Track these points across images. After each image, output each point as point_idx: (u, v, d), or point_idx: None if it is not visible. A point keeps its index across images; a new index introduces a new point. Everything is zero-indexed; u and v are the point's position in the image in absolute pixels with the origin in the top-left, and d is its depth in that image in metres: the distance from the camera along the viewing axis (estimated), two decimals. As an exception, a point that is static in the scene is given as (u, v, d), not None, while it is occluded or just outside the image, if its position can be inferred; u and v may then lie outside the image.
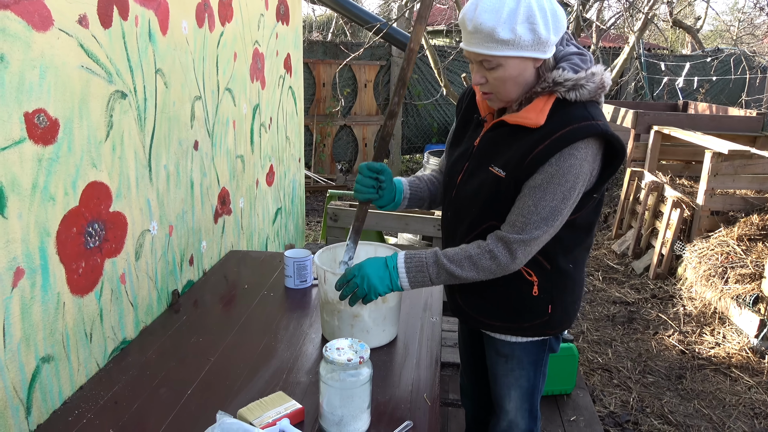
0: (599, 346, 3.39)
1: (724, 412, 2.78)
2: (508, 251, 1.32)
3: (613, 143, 1.30)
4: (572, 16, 5.11)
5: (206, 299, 1.94)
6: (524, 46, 1.23)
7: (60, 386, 1.36)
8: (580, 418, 2.55)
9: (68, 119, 1.34)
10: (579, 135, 1.26)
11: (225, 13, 2.23)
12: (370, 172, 1.50)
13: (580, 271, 1.50)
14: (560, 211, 1.29)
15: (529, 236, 1.30)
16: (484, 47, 1.25)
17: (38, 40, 1.22)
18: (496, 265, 1.34)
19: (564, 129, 1.26)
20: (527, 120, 1.30)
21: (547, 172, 1.27)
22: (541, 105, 1.30)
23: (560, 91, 1.28)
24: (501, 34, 1.21)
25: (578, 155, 1.26)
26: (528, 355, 1.53)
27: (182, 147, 1.93)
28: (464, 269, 1.35)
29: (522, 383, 1.56)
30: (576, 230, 1.41)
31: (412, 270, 1.38)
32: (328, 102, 7.05)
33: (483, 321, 1.52)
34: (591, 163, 1.29)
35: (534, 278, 1.42)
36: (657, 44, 12.17)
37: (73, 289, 1.39)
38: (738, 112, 5.99)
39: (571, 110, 1.29)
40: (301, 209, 3.60)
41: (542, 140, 1.28)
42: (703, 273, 3.82)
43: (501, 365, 1.56)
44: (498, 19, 1.20)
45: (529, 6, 1.21)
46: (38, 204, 1.26)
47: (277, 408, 1.26)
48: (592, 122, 1.27)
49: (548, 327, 1.48)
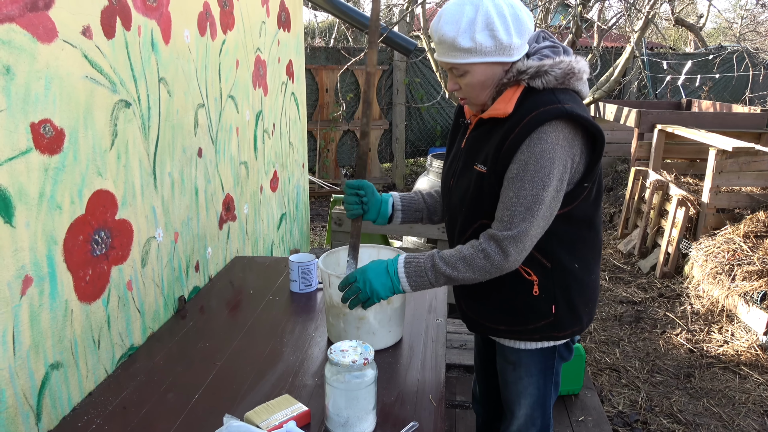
0: (607, 346, 3.38)
1: (733, 410, 2.76)
2: (499, 249, 1.31)
3: (586, 126, 1.29)
4: (572, 17, 5.12)
5: (212, 305, 1.95)
6: (486, 52, 1.27)
7: (69, 392, 1.38)
8: (589, 418, 2.54)
9: (73, 129, 1.36)
10: (545, 117, 1.26)
11: (226, 21, 2.26)
12: (351, 189, 1.57)
13: (589, 273, 1.46)
14: (542, 198, 1.28)
15: (517, 231, 1.29)
16: (449, 56, 1.31)
17: (43, 51, 1.24)
18: (490, 264, 1.32)
19: (530, 114, 1.27)
20: (497, 111, 1.33)
21: (521, 159, 1.28)
22: (509, 95, 1.32)
23: (524, 78, 1.30)
24: (462, 43, 1.26)
25: (548, 138, 1.26)
26: (536, 363, 1.50)
27: (186, 154, 1.95)
28: (460, 271, 1.34)
29: (531, 391, 1.53)
30: (573, 225, 1.39)
31: (411, 275, 1.39)
32: (331, 107, 7.08)
33: (488, 326, 1.50)
34: (565, 147, 1.28)
35: (534, 277, 1.39)
36: (659, 43, 12.15)
37: (80, 296, 1.41)
38: (742, 109, 5.97)
39: (538, 97, 1.30)
40: (305, 214, 3.62)
41: (512, 129, 1.29)
42: (710, 271, 3.81)
43: (510, 372, 1.54)
44: (458, 29, 1.26)
45: (487, 13, 1.24)
46: (45, 213, 1.28)
47: (283, 411, 1.27)
48: (558, 105, 1.27)
49: (555, 329, 1.44)
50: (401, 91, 7.44)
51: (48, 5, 1.25)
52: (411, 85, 7.60)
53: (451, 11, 1.27)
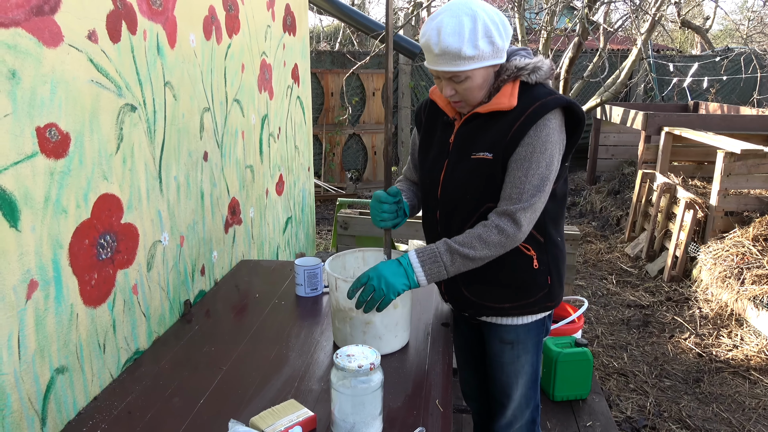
0: (614, 351, 3.36)
1: (743, 415, 2.73)
2: (512, 221, 1.42)
3: (575, 111, 1.46)
4: (578, 19, 5.11)
5: (218, 309, 1.95)
6: (486, 57, 1.40)
7: (74, 397, 1.38)
8: (597, 423, 2.52)
9: (79, 133, 1.36)
10: (549, 107, 1.42)
11: (232, 25, 2.26)
12: (390, 197, 1.59)
13: (564, 243, 1.64)
14: (548, 177, 1.43)
15: (527, 203, 1.42)
16: (452, 66, 1.40)
17: (49, 55, 1.25)
18: (504, 237, 1.42)
19: (535, 104, 1.42)
20: (501, 105, 1.45)
21: (529, 143, 1.42)
22: (509, 90, 1.45)
23: (523, 74, 1.45)
24: (467, 52, 1.37)
25: (551, 125, 1.42)
26: (531, 337, 1.61)
27: (192, 158, 1.95)
28: (476, 249, 1.42)
29: (527, 369, 1.64)
30: (557, 201, 1.53)
31: (426, 262, 1.43)
32: (337, 111, 7.09)
33: (493, 306, 1.57)
34: (559, 132, 1.45)
35: (532, 252, 1.52)
36: (666, 45, 12.10)
37: (86, 300, 1.41)
38: (750, 111, 5.92)
39: (535, 90, 1.46)
40: (311, 218, 3.62)
41: (518, 117, 1.43)
42: (719, 274, 3.77)
43: (507, 353, 1.62)
44: (462, 40, 1.36)
45: (484, 22, 1.37)
46: (51, 217, 1.27)
47: (289, 416, 1.26)
48: (556, 96, 1.44)
49: (549, 299, 1.58)
50: (407, 94, 7.45)
51: (54, 9, 1.25)
52: (416, 88, 7.61)
53: (450, 24, 1.36)
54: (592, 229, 5.58)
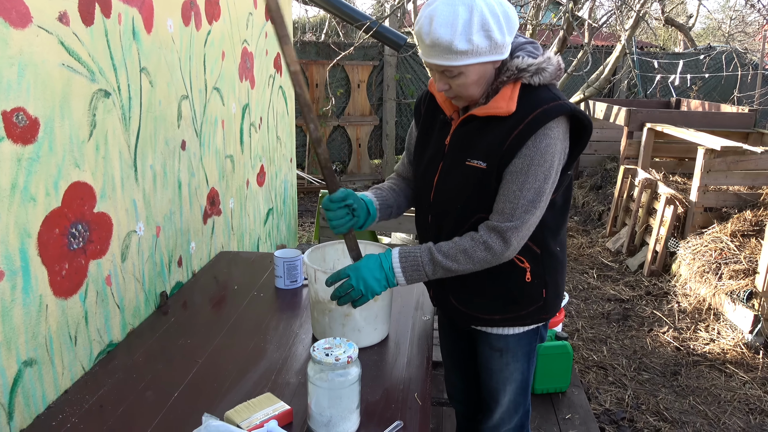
0: (594, 344, 3.38)
1: (719, 407, 2.77)
2: (501, 240, 1.33)
3: (581, 119, 1.34)
4: (563, 14, 5.11)
5: (195, 300, 1.91)
6: (482, 52, 1.26)
7: (44, 390, 1.34)
8: (576, 416, 2.53)
9: (49, 118, 1.31)
10: (551, 115, 1.29)
11: (212, 11, 2.21)
12: (337, 203, 1.45)
13: (564, 253, 1.54)
14: (544, 191, 1.33)
15: (519, 221, 1.32)
16: (443, 59, 1.27)
17: (16, 37, 1.20)
18: (491, 255, 1.35)
19: (535, 111, 1.30)
20: (498, 110, 1.32)
21: (526, 155, 1.30)
22: (509, 93, 1.32)
23: (525, 76, 1.32)
24: (459, 45, 1.24)
25: (552, 134, 1.30)
26: (522, 346, 1.54)
27: (169, 147, 1.91)
28: (460, 263, 1.36)
29: (516, 376, 1.57)
30: (556, 211, 1.44)
31: (408, 269, 1.39)
32: (321, 103, 7.02)
33: (482, 317, 1.51)
34: (563, 141, 1.34)
35: (526, 264, 1.43)
36: (649, 42, 12.20)
37: (56, 291, 1.37)
38: (730, 109, 6.00)
39: (537, 93, 1.32)
40: (293, 210, 3.58)
41: (516, 125, 1.31)
42: (697, 269, 3.82)
43: (496, 360, 1.56)
44: (454, 32, 1.22)
45: (482, 14, 1.22)
46: (18, 204, 1.23)
47: (265, 410, 1.24)
48: (560, 102, 1.32)
49: (544, 312, 1.50)
50: (392, 86, 7.40)
51: (22, -11, 1.21)
52: (401, 80, 7.57)
53: (443, 13, 1.23)
54: (574, 223, 5.62)
